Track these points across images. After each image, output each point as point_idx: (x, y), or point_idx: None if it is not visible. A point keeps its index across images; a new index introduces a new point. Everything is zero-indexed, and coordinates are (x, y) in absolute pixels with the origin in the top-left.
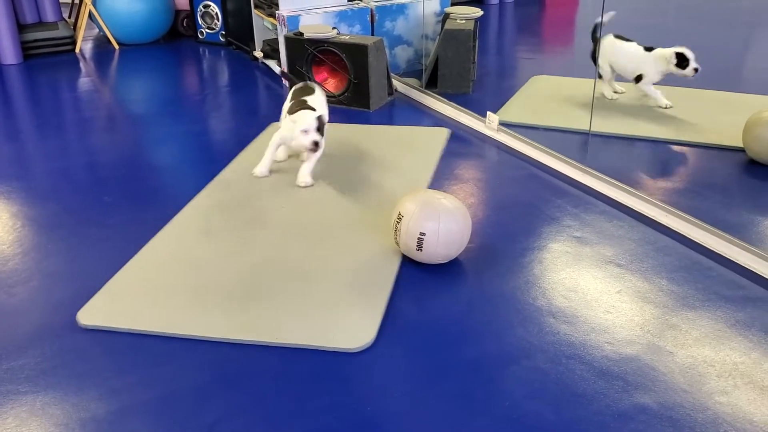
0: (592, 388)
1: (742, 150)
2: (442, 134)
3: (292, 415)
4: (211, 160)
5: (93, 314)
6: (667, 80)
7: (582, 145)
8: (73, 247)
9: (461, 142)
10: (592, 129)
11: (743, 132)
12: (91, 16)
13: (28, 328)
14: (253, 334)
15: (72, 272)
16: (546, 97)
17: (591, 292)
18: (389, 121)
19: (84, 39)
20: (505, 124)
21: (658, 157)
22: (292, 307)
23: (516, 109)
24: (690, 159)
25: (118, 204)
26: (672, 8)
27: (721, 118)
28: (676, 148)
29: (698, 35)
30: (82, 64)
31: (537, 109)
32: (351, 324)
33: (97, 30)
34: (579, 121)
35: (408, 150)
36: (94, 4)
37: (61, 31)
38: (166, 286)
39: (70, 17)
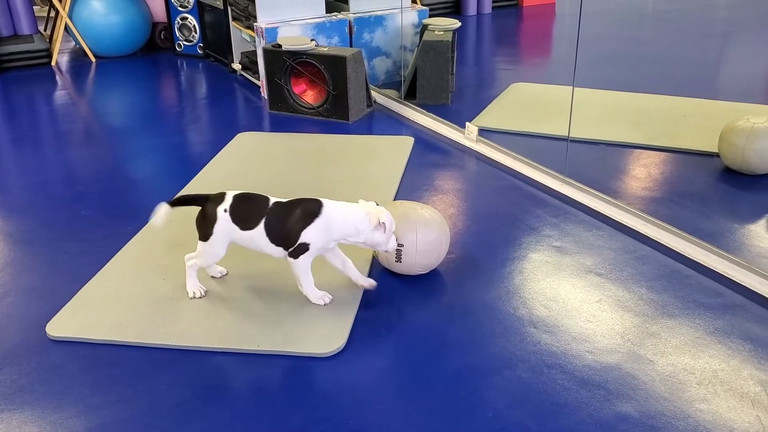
0: (574, 397)
1: (717, 155)
2: (408, 143)
3: (277, 431)
4: (189, 173)
5: (61, 326)
6: (644, 87)
7: (561, 151)
8: (50, 262)
9: (440, 153)
10: (570, 135)
11: (719, 140)
12: (67, 28)
13: (4, 344)
14: (227, 342)
15: (49, 287)
16: (525, 104)
17: (571, 301)
18: (368, 132)
19: (60, 52)
20: (484, 130)
21: (637, 164)
22: (263, 314)
23: (495, 114)
24: (667, 166)
25: (96, 218)
26: (649, 19)
27: (697, 124)
28: (653, 154)
29: (676, 45)
30: (58, 77)
31: (516, 115)
32: (322, 330)
33: (74, 43)
34: (557, 127)
35: (373, 159)
36: (70, 16)
37: (37, 44)
38: (137, 296)
39: (45, 30)
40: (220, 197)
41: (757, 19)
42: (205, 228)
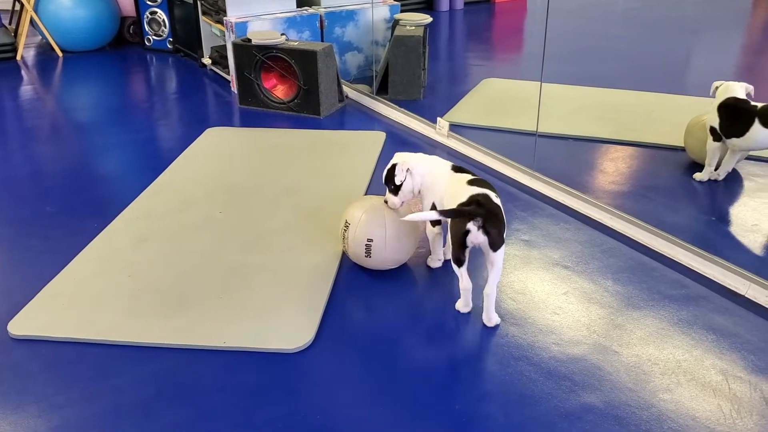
0: (540, 389)
1: (683, 149)
2: (380, 138)
3: (241, 427)
4: (157, 168)
5: (24, 324)
6: (612, 82)
7: (530, 146)
8: (13, 260)
9: (412, 148)
10: (539, 130)
11: (685, 135)
12: (32, 22)
13: None
14: (192, 339)
15: (11, 286)
16: (496, 99)
17: (538, 294)
18: (340, 127)
19: (26, 46)
20: (455, 125)
21: (604, 159)
22: (229, 310)
23: (466, 110)
24: (634, 160)
25: (61, 215)
26: (618, 16)
27: (664, 119)
28: (620, 148)
29: (644, 41)
30: (24, 72)
31: (487, 110)
32: (289, 325)
33: (40, 37)
34: (527, 122)
35: (345, 155)
36: (35, 10)
37: (1, 38)
38: (102, 294)
39: (10, 24)
40: (477, 196)
41: (723, 15)
42: (501, 231)
